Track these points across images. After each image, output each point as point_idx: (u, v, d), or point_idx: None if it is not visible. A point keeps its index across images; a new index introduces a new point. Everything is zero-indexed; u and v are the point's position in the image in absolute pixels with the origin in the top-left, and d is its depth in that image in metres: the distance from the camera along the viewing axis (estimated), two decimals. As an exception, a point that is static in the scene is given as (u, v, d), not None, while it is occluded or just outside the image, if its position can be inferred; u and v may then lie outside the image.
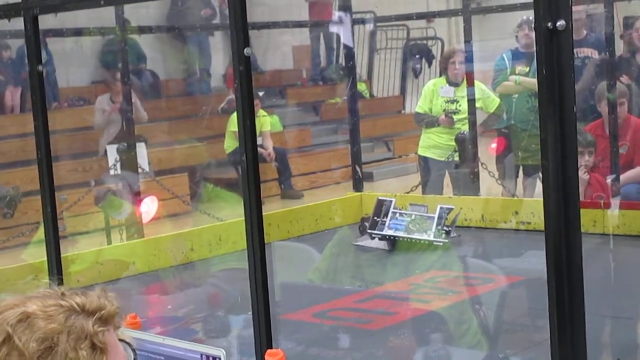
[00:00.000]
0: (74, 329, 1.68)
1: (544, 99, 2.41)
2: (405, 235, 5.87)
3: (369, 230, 6.00)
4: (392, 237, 5.91)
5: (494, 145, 8.49)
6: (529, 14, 8.12)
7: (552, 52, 2.39)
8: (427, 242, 5.72)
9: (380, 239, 5.95)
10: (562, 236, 2.44)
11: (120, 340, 1.78)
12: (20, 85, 10.94)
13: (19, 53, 10.46)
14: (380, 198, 6.14)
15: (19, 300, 1.74)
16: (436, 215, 5.84)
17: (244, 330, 4.02)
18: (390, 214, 5.99)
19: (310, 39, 13.73)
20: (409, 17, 11.09)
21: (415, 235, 5.81)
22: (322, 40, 13.72)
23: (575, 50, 2.71)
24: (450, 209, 5.94)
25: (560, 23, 2.35)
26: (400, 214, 5.98)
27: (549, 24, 2.36)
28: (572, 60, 2.40)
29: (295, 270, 5.55)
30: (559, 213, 2.43)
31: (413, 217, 5.91)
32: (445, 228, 5.81)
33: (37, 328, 1.66)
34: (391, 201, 6.05)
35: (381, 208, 6.03)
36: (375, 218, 6.01)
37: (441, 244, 5.69)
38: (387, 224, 5.96)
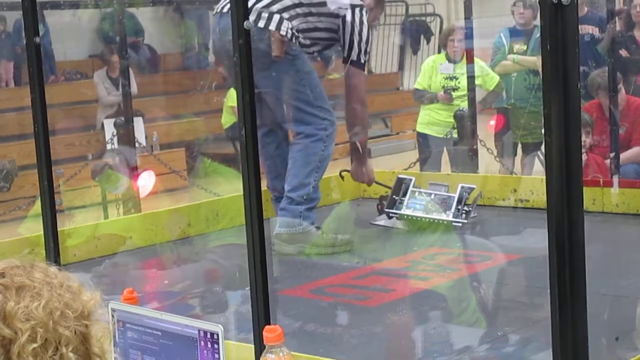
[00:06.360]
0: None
1: (548, 75, 2.38)
2: (424, 215, 5.59)
3: (386, 210, 5.72)
4: (410, 217, 5.63)
5: (492, 123, 8.47)
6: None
7: (556, 27, 2.36)
8: (445, 222, 5.51)
9: (398, 218, 5.69)
10: (565, 213, 2.42)
11: None
12: (14, 59, 10.91)
13: (16, 26, 10.41)
14: (400, 176, 5.82)
15: None
16: (457, 195, 5.54)
17: (242, 306, 4.00)
18: (409, 193, 5.72)
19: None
20: (408, -7, 11.04)
21: (434, 216, 5.56)
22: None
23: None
24: (472, 189, 5.64)
25: (566, -3, 2.32)
26: (420, 193, 5.71)
27: (554, -1, 2.33)
28: (577, 36, 2.37)
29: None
30: (562, 190, 2.41)
31: (433, 196, 5.67)
32: (465, 208, 5.53)
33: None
34: (411, 179, 5.76)
35: (400, 186, 5.75)
36: (394, 197, 5.73)
37: (460, 225, 5.46)
38: (405, 203, 5.68)
